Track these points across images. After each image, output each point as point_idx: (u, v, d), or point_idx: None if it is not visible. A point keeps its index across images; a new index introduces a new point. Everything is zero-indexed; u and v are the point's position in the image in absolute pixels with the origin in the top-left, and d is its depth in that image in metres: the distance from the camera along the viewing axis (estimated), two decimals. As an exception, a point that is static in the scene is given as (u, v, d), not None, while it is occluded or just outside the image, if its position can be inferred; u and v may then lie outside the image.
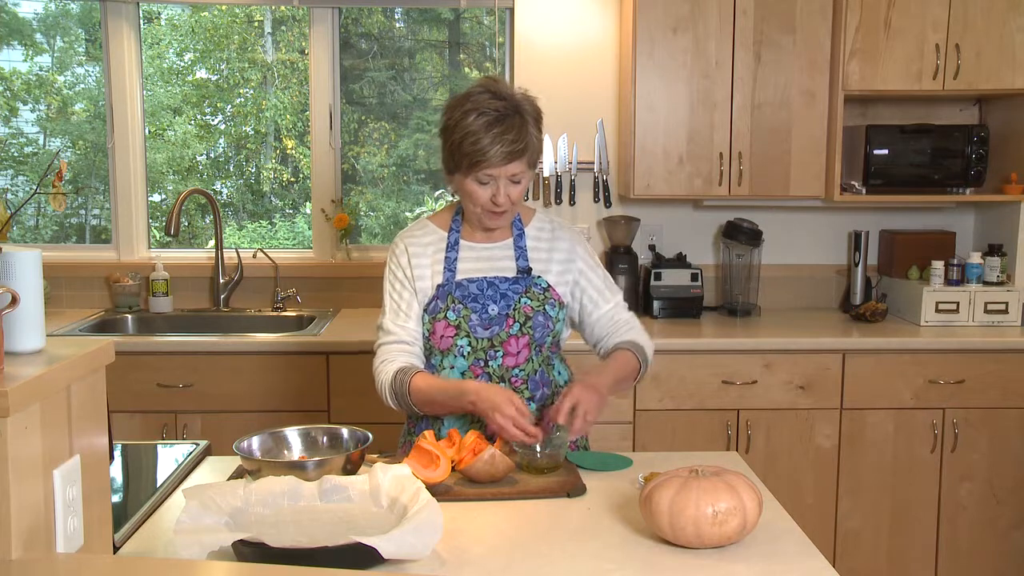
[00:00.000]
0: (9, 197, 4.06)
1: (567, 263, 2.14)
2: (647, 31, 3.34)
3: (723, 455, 2.13)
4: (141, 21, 3.83)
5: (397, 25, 4.13)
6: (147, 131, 3.88)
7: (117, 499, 1.78)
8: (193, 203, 4.23)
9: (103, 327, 3.51)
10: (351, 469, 1.77)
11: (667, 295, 3.54)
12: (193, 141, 4.25)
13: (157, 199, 4.15)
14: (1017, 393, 3.23)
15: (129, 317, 3.62)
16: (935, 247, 3.57)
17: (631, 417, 3.19)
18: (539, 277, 2.10)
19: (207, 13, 4.15)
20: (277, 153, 4.32)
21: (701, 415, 3.21)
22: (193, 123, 4.25)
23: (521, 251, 2.11)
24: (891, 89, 3.37)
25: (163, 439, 3.09)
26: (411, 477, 1.63)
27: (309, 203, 3.96)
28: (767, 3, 3.33)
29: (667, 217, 3.77)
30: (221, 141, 4.35)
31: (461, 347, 2.04)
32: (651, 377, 3.16)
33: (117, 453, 2.05)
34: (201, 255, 3.87)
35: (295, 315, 3.64)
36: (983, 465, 3.26)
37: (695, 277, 3.54)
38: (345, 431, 1.91)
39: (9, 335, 1.29)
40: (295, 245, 4.23)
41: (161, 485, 1.84)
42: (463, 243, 2.11)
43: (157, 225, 3.96)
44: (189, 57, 4.25)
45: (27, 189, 4.09)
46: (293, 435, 1.90)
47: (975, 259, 3.44)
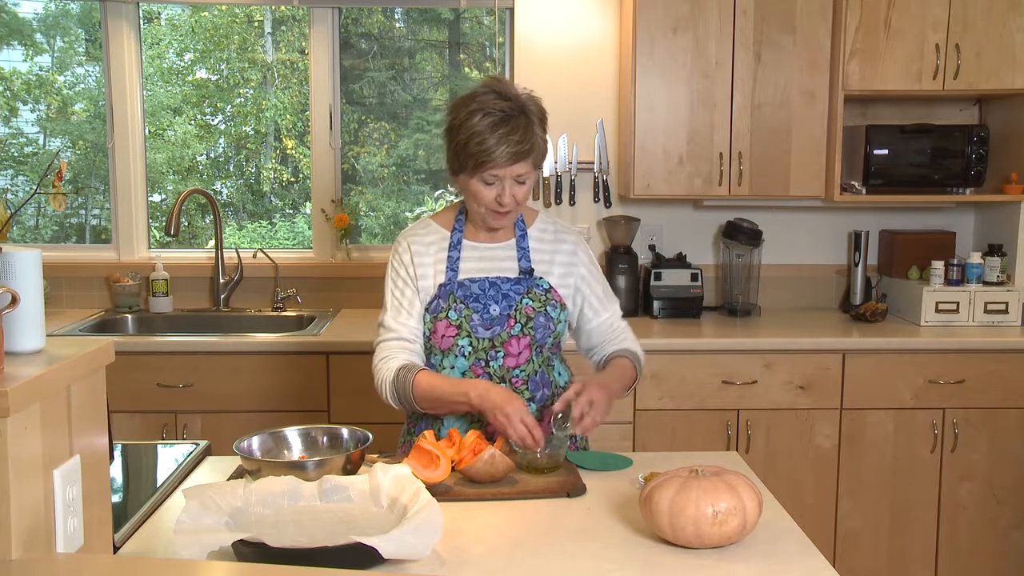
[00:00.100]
0: (9, 197, 4.06)
1: (569, 266, 2.14)
2: (647, 31, 3.34)
3: (723, 455, 2.14)
4: (141, 21, 3.83)
5: (397, 25, 4.13)
6: (147, 131, 3.88)
7: (117, 499, 1.78)
8: (193, 203, 4.23)
9: (103, 327, 3.51)
10: (351, 469, 1.77)
11: (667, 295, 3.54)
12: (193, 141, 4.25)
13: (157, 199, 4.15)
14: (1017, 393, 3.23)
15: (129, 317, 3.63)
16: (935, 247, 3.58)
17: (631, 417, 3.19)
18: (541, 278, 2.10)
19: (207, 13, 4.15)
20: (277, 153, 4.32)
21: (701, 415, 3.21)
22: (193, 123, 4.25)
23: (524, 252, 2.11)
24: (891, 89, 3.37)
25: (163, 439, 3.09)
26: (411, 477, 1.63)
27: (309, 203, 3.96)
28: (767, 3, 3.33)
29: (667, 217, 3.77)
30: (221, 141, 4.34)
31: (462, 347, 2.04)
32: (651, 377, 3.16)
33: (117, 453, 2.05)
34: (201, 255, 3.87)
35: (295, 315, 3.64)
36: (983, 465, 3.26)
37: (695, 277, 3.55)
38: (345, 431, 1.91)
39: (9, 335, 1.29)
40: (295, 245, 4.23)
41: (161, 485, 1.84)
42: (466, 243, 2.11)
43: (157, 225, 3.96)
44: (189, 57, 4.25)
45: (27, 189, 4.09)
46: (293, 435, 1.90)
47: (975, 259, 3.44)
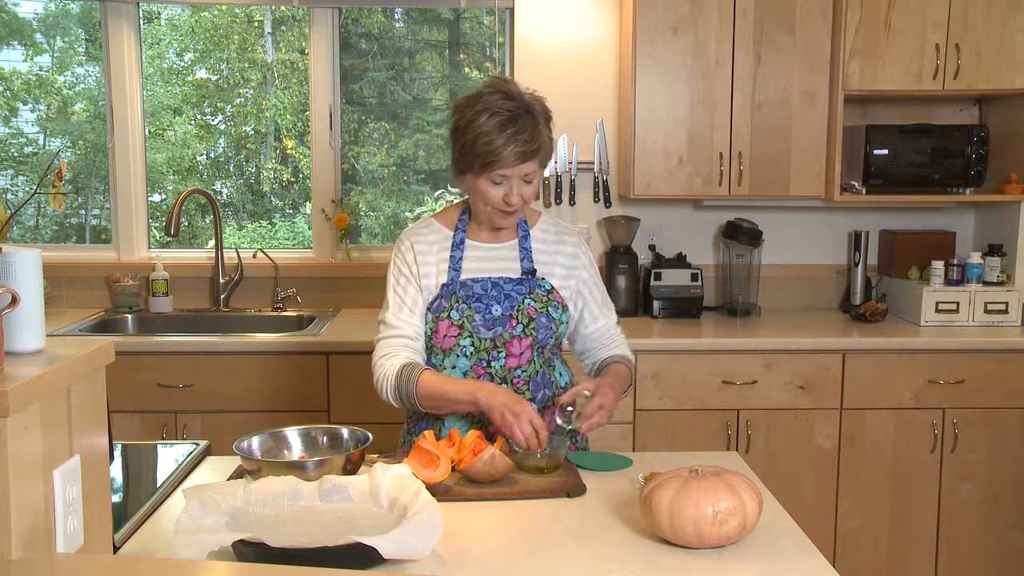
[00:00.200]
0: (9, 197, 4.06)
1: (571, 269, 2.14)
2: (647, 31, 3.34)
3: (723, 455, 2.14)
4: (141, 21, 3.83)
5: (397, 25, 4.13)
6: (147, 131, 3.88)
7: (117, 499, 1.78)
8: (193, 203, 4.23)
9: (103, 327, 3.51)
10: (351, 469, 1.77)
11: (667, 295, 3.54)
12: (193, 141, 4.25)
13: (157, 199, 4.15)
14: (1017, 393, 3.23)
15: (129, 317, 3.62)
16: (935, 247, 3.58)
17: (631, 417, 3.19)
18: (543, 279, 2.10)
19: (207, 13, 4.15)
20: (277, 153, 4.32)
21: (701, 415, 3.21)
22: (193, 123, 4.25)
23: (526, 252, 2.11)
24: (891, 89, 3.37)
25: (163, 439, 3.09)
26: (411, 477, 1.63)
27: (309, 203, 3.96)
28: (767, 3, 3.33)
29: (667, 217, 3.77)
30: (221, 141, 4.34)
31: (464, 347, 2.04)
32: (651, 377, 3.17)
33: (117, 453, 2.05)
34: (201, 255, 3.87)
35: (295, 315, 3.64)
36: (983, 465, 3.26)
37: (695, 277, 3.55)
38: (345, 431, 1.91)
39: (9, 335, 1.29)
40: (295, 245, 4.23)
41: (161, 485, 1.84)
42: (469, 242, 2.11)
43: (157, 225, 3.96)
44: (189, 57, 4.25)
45: (27, 189, 4.09)
46: (293, 435, 1.90)
47: (975, 259, 3.44)
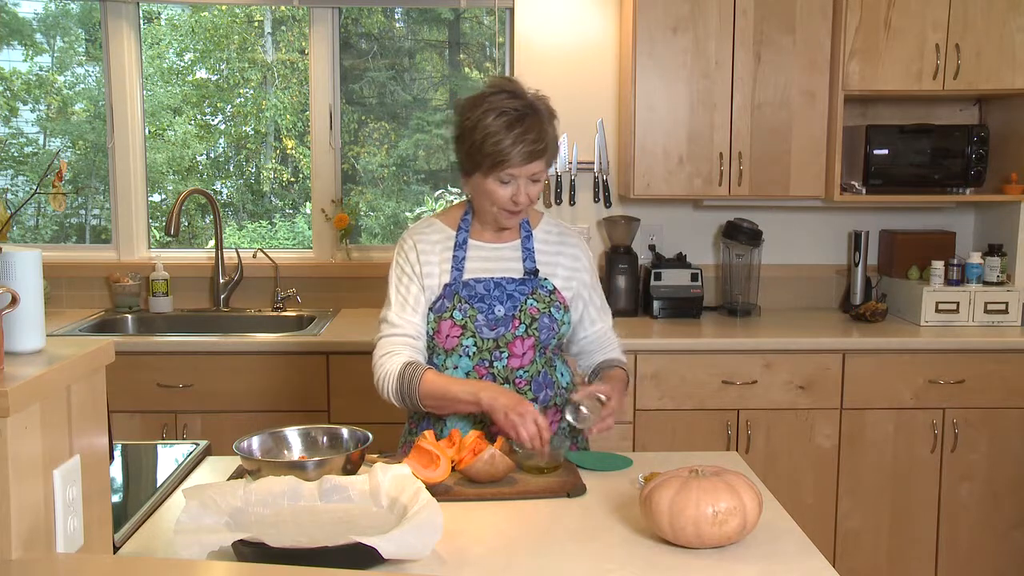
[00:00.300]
0: (9, 197, 4.06)
1: (573, 270, 2.15)
2: (647, 31, 3.34)
3: (723, 455, 2.14)
4: (141, 21, 3.83)
5: (397, 25, 4.13)
6: (147, 131, 3.88)
7: (117, 499, 1.78)
8: (193, 203, 4.23)
9: (103, 327, 3.51)
10: (351, 469, 1.77)
11: (667, 295, 3.54)
12: (193, 141, 4.25)
13: (157, 199, 4.15)
14: (1017, 393, 3.23)
15: (129, 317, 3.62)
16: (935, 247, 3.58)
17: (631, 417, 3.19)
18: (546, 279, 2.10)
19: (207, 13, 4.15)
20: (277, 153, 4.32)
21: (701, 415, 3.21)
22: (193, 123, 4.25)
23: (529, 252, 2.11)
24: (891, 89, 3.37)
25: (163, 439, 3.09)
26: (411, 477, 1.63)
27: (309, 203, 3.96)
28: (767, 3, 3.33)
29: (667, 217, 3.77)
30: (221, 141, 4.34)
31: (466, 347, 2.04)
32: (651, 377, 3.17)
33: (117, 453, 2.05)
34: (201, 255, 3.87)
35: (295, 315, 3.64)
36: (983, 465, 3.26)
37: (695, 277, 3.54)
38: (345, 431, 1.91)
39: (9, 335, 1.29)
40: (295, 245, 4.23)
41: (161, 485, 1.84)
42: (471, 242, 2.11)
43: (157, 225, 3.96)
44: (189, 57, 4.25)
45: (27, 189, 4.09)
46: (293, 435, 1.90)
47: (975, 259, 3.44)
